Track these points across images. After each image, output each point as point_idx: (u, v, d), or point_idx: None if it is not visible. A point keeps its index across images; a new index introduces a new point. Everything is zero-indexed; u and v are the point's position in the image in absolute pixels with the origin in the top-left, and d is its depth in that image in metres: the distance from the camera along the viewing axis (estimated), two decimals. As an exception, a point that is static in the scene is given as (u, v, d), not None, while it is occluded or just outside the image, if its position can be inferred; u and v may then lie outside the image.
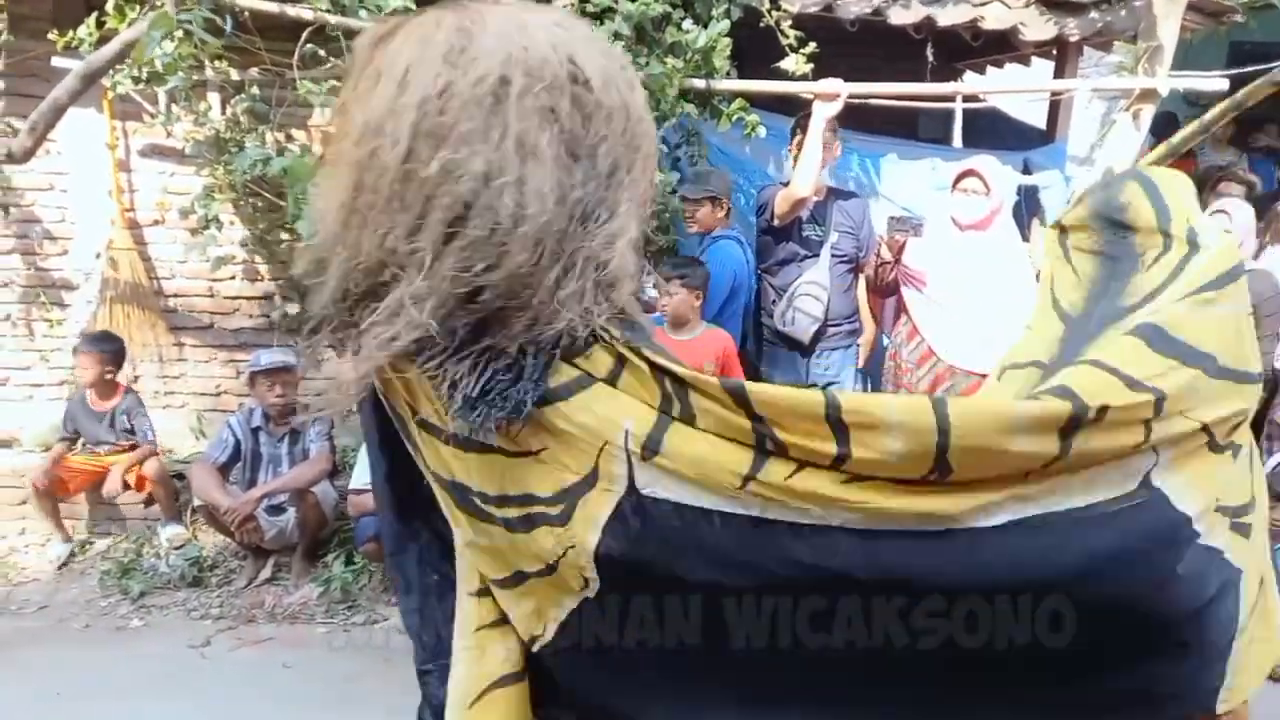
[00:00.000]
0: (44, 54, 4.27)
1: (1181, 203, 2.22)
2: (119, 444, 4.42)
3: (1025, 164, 5.00)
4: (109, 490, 4.31)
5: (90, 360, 4.33)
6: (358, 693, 3.19)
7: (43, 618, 3.80)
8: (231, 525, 4.00)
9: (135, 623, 3.76)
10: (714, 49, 3.93)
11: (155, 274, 4.91)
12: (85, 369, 4.35)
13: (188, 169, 4.68)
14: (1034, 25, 4.60)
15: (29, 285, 4.91)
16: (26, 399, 4.97)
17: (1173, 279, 1.97)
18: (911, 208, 4.73)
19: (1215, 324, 1.98)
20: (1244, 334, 2.01)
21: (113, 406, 4.43)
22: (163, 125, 4.31)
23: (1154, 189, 2.24)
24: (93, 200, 4.81)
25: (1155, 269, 2.07)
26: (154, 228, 4.88)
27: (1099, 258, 2.23)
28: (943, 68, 5.03)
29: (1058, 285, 2.30)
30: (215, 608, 3.87)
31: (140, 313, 4.79)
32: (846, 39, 4.58)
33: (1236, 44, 7.29)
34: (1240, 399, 1.95)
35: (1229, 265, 2.00)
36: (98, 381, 4.37)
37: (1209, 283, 1.94)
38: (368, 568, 3.99)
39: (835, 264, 4.06)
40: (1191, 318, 1.92)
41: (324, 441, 4.25)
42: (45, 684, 3.23)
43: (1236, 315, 2.00)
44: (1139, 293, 2.06)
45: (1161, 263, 2.07)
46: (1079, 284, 2.24)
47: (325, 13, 3.79)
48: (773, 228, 4.05)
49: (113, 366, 4.41)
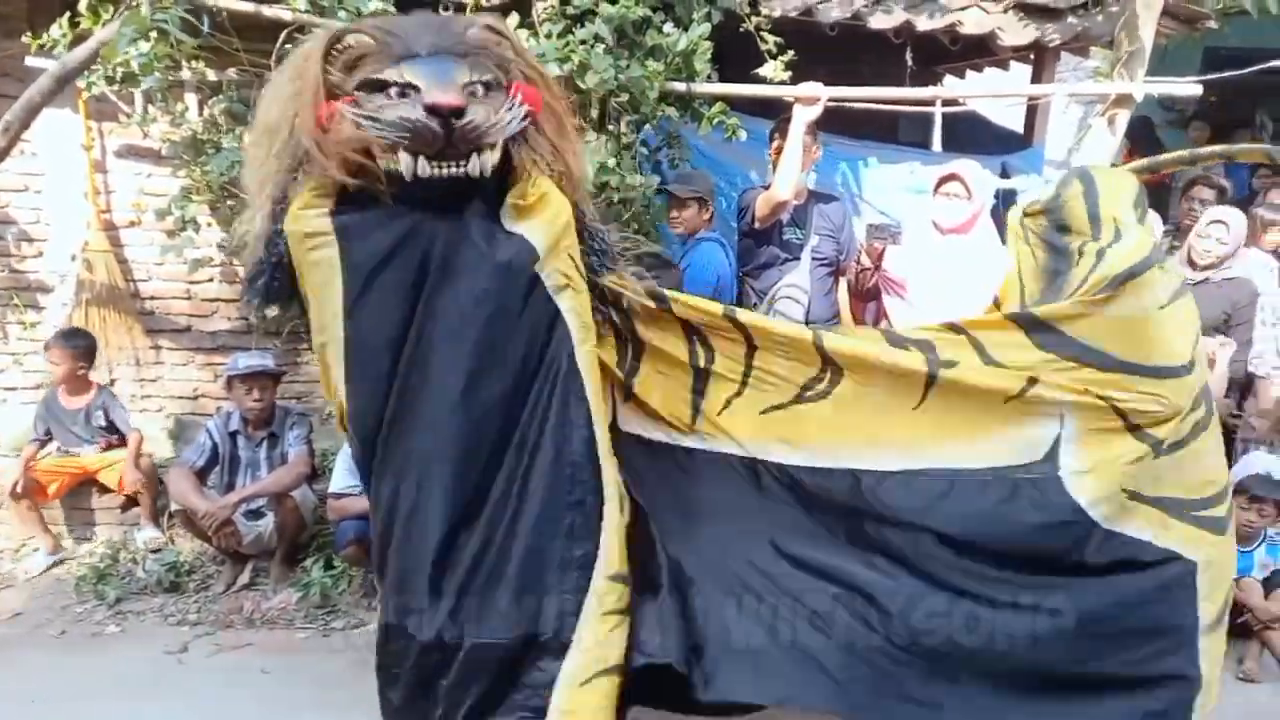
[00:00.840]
0: (18, 54, 4.22)
1: (1116, 200, 2.34)
2: (97, 441, 4.38)
3: (1003, 168, 5.04)
4: (129, 486, 4.30)
5: (61, 356, 4.28)
6: (337, 698, 3.17)
7: (18, 624, 3.75)
8: (209, 530, 3.96)
9: (112, 629, 3.72)
10: (695, 52, 3.94)
11: (132, 276, 4.87)
12: (57, 365, 4.30)
13: (164, 170, 4.64)
14: (1012, 30, 4.63)
15: (3, 288, 4.86)
16: (1, 403, 4.92)
17: (1088, 275, 2.12)
18: (891, 211, 4.77)
19: (1108, 322, 2.14)
20: (1148, 330, 2.13)
21: (87, 403, 4.38)
22: (139, 126, 4.27)
23: (1092, 187, 2.37)
24: (68, 202, 4.76)
25: (1082, 261, 2.22)
26: (130, 229, 4.84)
27: (1047, 247, 2.38)
28: (922, 72, 5.06)
29: (1024, 269, 2.46)
30: (193, 613, 3.84)
31: (116, 315, 4.74)
32: (826, 43, 4.60)
33: (1212, 49, 7.39)
34: (1149, 389, 2.10)
35: (1133, 261, 2.13)
36: (70, 378, 4.32)
37: (1112, 279, 2.09)
38: (347, 572, 3.96)
39: (816, 267, 4.07)
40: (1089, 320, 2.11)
41: (303, 445, 4.22)
42: (20, 691, 3.18)
43: (1142, 311, 2.11)
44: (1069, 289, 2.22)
45: (1086, 252, 2.21)
46: (1037, 272, 2.41)
47: (303, 14, 3.77)
48: (754, 231, 4.07)
49: (85, 363, 4.37)
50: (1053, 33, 4.66)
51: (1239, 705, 3.29)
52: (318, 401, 4.98)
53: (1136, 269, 2.11)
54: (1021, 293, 2.38)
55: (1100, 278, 2.11)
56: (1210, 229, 4.06)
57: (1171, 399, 2.13)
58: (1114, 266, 2.11)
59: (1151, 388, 2.11)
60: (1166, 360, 2.13)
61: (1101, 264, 2.14)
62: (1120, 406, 2.10)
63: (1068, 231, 2.31)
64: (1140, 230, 2.23)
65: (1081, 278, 2.17)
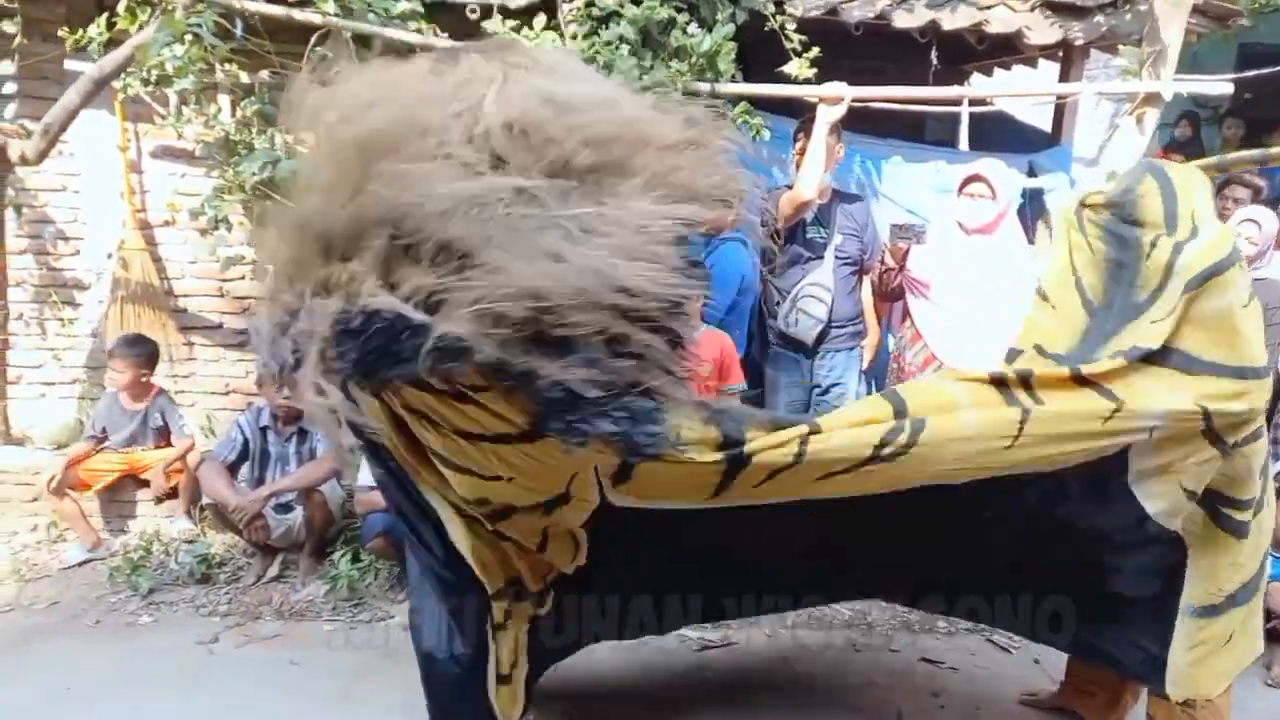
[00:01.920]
0: (56, 56, 4.33)
1: (1192, 196, 2.29)
2: (151, 442, 4.50)
3: (1030, 167, 5.01)
4: (157, 488, 4.41)
5: (125, 364, 4.37)
6: (364, 689, 3.22)
7: (54, 613, 3.84)
8: (240, 523, 4.04)
9: (145, 619, 3.80)
10: (719, 53, 3.95)
11: (166, 274, 4.96)
12: (121, 372, 4.39)
13: (198, 170, 4.73)
14: (1039, 29, 4.60)
15: (42, 285, 4.97)
16: (39, 397, 5.03)
17: (1169, 274, 2.08)
18: (916, 210, 4.75)
19: (1195, 323, 2.10)
20: (1234, 328, 2.08)
21: (145, 406, 4.49)
22: (174, 127, 4.35)
23: (1168, 184, 2.32)
24: (104, 201, 4.86)
25: (1156, 253, 2.17)
26: (164, 228, 4.93)
27: (1111, 239, 2.32)
28: (948, 70, 5.03)
29: (1077, 258, 2.40)
30: (223, 604, 3.91)
31: (151, 312, 4.84)
32: (851, 42, 4.59)
33: (1246, 46, 7.30)
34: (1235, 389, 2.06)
35: (1217, 258, 2.09)
36: (133, 384, 4.42)
37: (1195, 277, 2.06)
38: (374, 565, 4.02)
39: (839, 266, 4.07)
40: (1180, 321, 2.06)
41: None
42: (56, 679, 3.27)
43: (1227, 308, 2.07)
44: (1148, 285, 2.17)
45: (1160, 245, 2.16)
46: (1095, 262, 2.35)
47: (334, 16, 3.83)
48: (777, 230, 4.07)
49: (147, 369, 4.47)
50: (1079, 31, 4.63)
51: (1264, 711, 3.26)
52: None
53: (1221, 265, 2.05)
54: (1078, 284, 2.33)
55: (1185, 268, 2.06)
56: (1241, 228, 4.01)
57: (1255, 399, 2.09)
58: (1197, 262, 2.07)
59: (1237, 388, 2.06)
60: (1250, 360, 2.08)
61: (1182, 257, 2.09)
62: (1209, 407, 2.04)
63: (1139, 225, 2.26)
64: (1219, 226, 2.19)
65: (1159, 270, 2.12)
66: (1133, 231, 2.28)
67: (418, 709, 2.55)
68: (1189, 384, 2.07)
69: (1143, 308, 2.17)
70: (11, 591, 4.00)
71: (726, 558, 2.31)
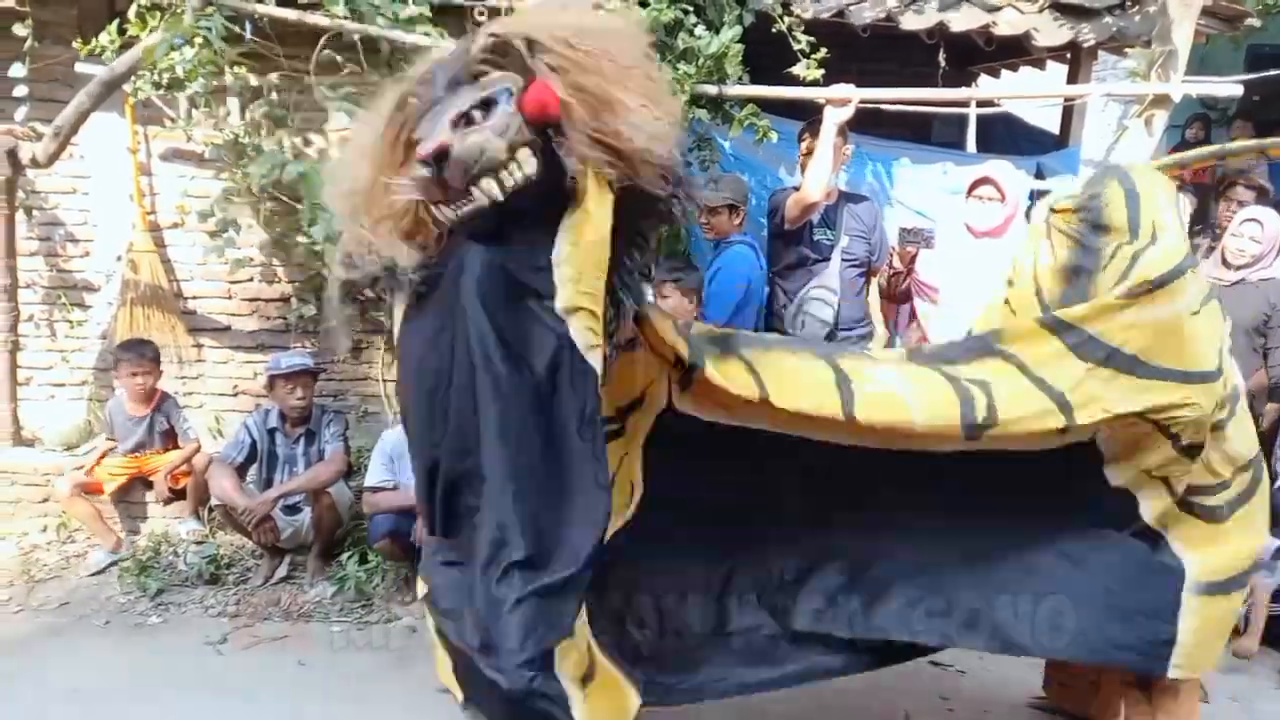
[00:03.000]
0: (68, 60, 4.35)
1: (1155, 201, 2.32)
2: (158, 445, 4.50)
3: (1038, 168, 5.00)
4: (160, 492, 4.42)
5: (129, 368, 4.37)
6: (372, 691, 3.23)
7: (65, 614, 3.86)
8: (248, 525, 4.06)
9: (153, 619, 3.82)
10: (726, 55, 3.96)
11: (175, 276, 4.98)
12: (125, 376, 4.39)
13: (207, 173, 4.75)
14: (1047, 31, 4.59)
15: (51, 286, 5.00)
16: (49, 398, 5.06)
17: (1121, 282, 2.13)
18: (927, 213, 4.75)
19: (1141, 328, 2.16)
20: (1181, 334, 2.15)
21: (151, 410, 4.48)
22: (183, 130, 4.37)
23: (1132, 189, 2.36)
24: (114, 203, 4.89)
25: (1114, 263, 2.22)
26: (174, 230, 4.95)
27: (1075, 246, 2.37)
28: (956, 71, 5.04)
29: (1039, 263, 2.45)
30: (231, 605, 3.93)
31: (160, 314, 4.85)
32: (859, 44, 4.59)
33: (1255, 47, 7.28)
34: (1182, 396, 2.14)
35: (1167, 268, 2.13)
36: (136, 389, 4.41)
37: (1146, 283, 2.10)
38: (381, 567, 4.03)
39: (846, 267, 4.06)
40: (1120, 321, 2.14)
41: (339, 442, 4.29)
42: (66, 679, 3.29)
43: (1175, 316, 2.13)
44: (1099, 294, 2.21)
45: (1119, 255, 2.21)
46: (1057, 269, 2.40)
47: (342, 20, 3.85)
48: (784, 232, 4.07)
49: (150, 373, 4.43)
50: (1088, 33, 4.62)
51: (1274, 714, 3.25)
52: (352, 400, 5.07)
53: (1170, 275, 2.11)
54: (1037, 291, 2.38)
55: (1139, 281, 2.11)
56: (1244, 228, 3.99)
57: (1203, 404, 2.14)
58: (1150, 270, 2.12)
59: (1184, 395, 2.12)
60: (1198, 365, 2.15)
61: (1137, 267, 2.14)
62: (1153, 417, 2.12)
63: (1105, 231, 2.30)
64: (1177, 234, 2.23)
65: (1116, 279, 2.18)
66: (1097, 239, 2.31)
67: (424, 710, 2.56)
68: (1137, 387, 2.14)
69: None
70: (22, 592, 4.02)
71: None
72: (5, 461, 4.53)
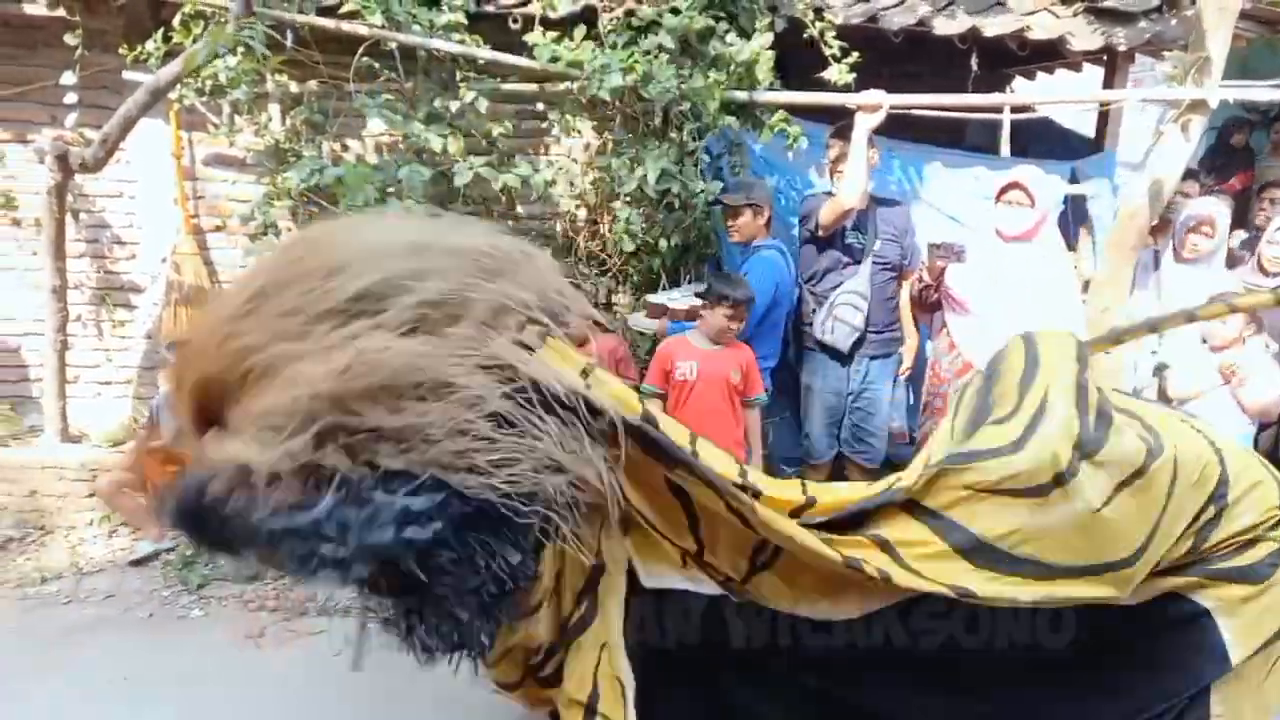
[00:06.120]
0: (115, 67, 4.47)
1: (1053, 372, 2.12)
2: None
3: (1073, 173, 4.97)
4: None
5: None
6: (407, 685, 3.29)
7: (110, 606, 3.97)
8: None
9: (196, 613, 3.93)
10: (757, 61, 3.98)
11: (217, 278, 5.09)
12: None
13: (248, 177, 4.86)
14: (1082, 35, 4.56)
15: (98, 288, 5.13)
16: (95, 396, 5.20)
17: (995, 465, 1.92)
18: (958, 217, 4.74)
19: (1041, 536, 1.95)
20: (1083, 535, 1.90)
21: None
22: (226, 136, 4.49)
23: (1034, 355, 2.19)
24: (159, 207, 5.01)
25: (990, 430, 2.03)
26: (216, 234, 5.06)
27: (978, 394, 2.24)
28: (990, 74, 5.01)
29: (962, 407, 2.27)
30: (271, 600, 4.01)
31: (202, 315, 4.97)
32: (891, 49, 4.59)
33: (1297, 49, 7.13)
34: (1089, 590, 1.93)
35: (1044, 479, 1.89)
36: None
37: (1024, 489, 1.90)
38: (417, 564, 4.09)
39: (877, 271, 4.07)
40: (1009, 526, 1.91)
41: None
42: (112, 669, 3.39)
43: (1072, 518, 1.90)
44: (978, 445, 2.00)
45: (991, 432, 2.02)
46: (965, 412, 2.22)
47: (380, 29, 3.93)
48: (816, 237, 4.09)
49: None
50: (1123, 37, 4.58)
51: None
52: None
53: (1061, 478, 1.90)
54: (952, 431, 2.20)
55: (1011, 482, 1.92)
56: (1279, 235, 3.96)
57: (1113, 590, 1.98)
58: (1031, 478, 1.91)
59: (1091, 589, 1.94)
60: (1109, 557, 1.95)
61: (1019, 456, 1.94)
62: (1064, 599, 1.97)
63: (996, 383, 2.18)
64: (1060, 428, 1.96)
65: (989, 451, 1.97)
66: (990, 391, 2.20)
67: (461, 704, 2.60)
68: (1044, 585, 1.97)
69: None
70: (70, 584, 4.15)
71: None
72: (53, 457, 4.67)
